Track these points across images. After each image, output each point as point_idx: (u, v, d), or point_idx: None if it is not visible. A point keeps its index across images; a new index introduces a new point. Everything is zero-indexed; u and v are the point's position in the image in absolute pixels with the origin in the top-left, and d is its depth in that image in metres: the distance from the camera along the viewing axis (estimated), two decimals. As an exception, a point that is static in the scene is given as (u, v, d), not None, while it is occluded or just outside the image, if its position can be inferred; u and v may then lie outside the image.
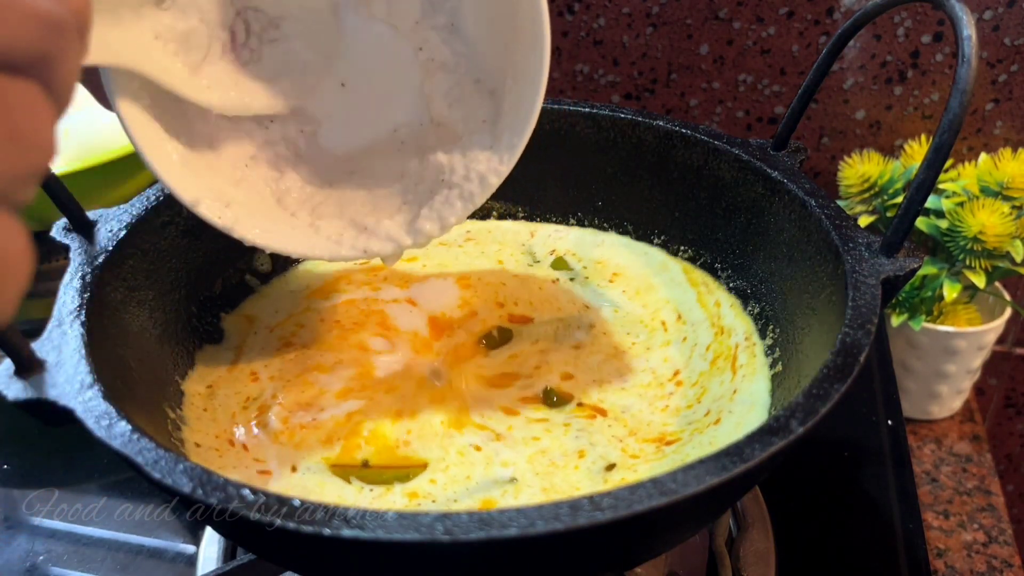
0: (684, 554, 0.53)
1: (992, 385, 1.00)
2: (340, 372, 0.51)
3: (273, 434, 0.47)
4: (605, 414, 0.49)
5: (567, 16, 0.87)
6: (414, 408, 0.49)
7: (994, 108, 0.83)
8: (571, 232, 0.63)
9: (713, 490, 0.32)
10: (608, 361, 0.52)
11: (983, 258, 0.71)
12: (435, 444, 0.46)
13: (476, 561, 0.34)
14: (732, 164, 0.55)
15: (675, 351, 0.52)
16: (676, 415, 0.48)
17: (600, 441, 0.46)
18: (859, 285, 0.42)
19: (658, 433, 0.47)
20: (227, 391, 0.50)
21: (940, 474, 0.77)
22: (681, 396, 0.49)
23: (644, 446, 0.46)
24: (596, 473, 0.44)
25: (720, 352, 0.52)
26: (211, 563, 0.54)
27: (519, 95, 0.45)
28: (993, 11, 0.78)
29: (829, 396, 0.36)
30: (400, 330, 0.55)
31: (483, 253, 0.62)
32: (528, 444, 0.46)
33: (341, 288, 0.58)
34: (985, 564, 0.69)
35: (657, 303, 0.56)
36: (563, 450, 0.46)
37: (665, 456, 0.45)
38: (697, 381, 0.50)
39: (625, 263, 0.60)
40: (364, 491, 0.44)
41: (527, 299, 0.57)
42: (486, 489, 0.44)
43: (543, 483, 0.44)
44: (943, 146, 0.40)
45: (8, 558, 0.57)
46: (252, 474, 0.45)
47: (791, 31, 0.83)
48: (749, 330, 0.53)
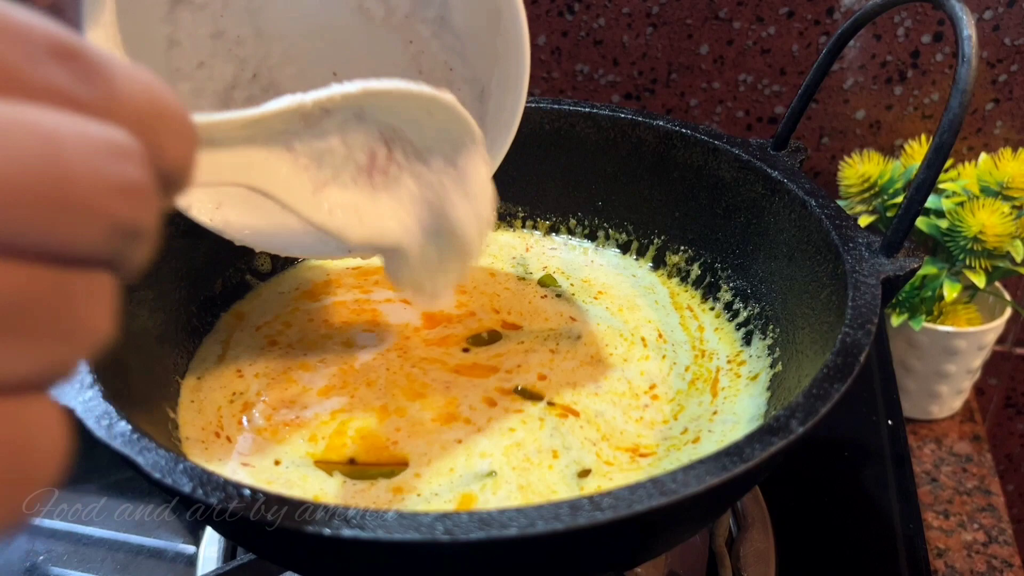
0: (684, 554, 0.53)
1: (992, 385, 1.00)
2: (323, 370, 0.52)
3: (257, 429, 0.48)
4: (577, 415, 0.49)
5: (567, 16, 0.87)
6: (399, 403, 0.49)
7: (994, 108, 0.83)
8: (563, 249, 0.64)
9: (713, 490, 0.32)
10: (583, 367, 0.53)
11: (983, 258, 0.71)
12: (422, 440, 0.47)
13: (476, 561, 0.34)
14: (732, 164, 0.55)
15: (653, 366, 0.53)
16: (651, 428, 0.48)
17: (574, 444, 0.47)
18: (859, 285, 0.42)
19: (632, 443, 0.47)
20: (213, 384, 0.51)
21: (940, 474, 0.77)
22: (657, 410, 0.50)
23: (618, 454, 0.47)
24: (571, 478, 0.45)
25: (699, 375, 0.52)
26: (211, 563, 0.54)
27: (502, 99, 0.45)
28: (993, 11, 0.78)
29: (829, 396, 0.36)
30: (390, 323, 0.56)
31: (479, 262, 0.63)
32: (504, 435, 0.47)
33: (331, 291, 0.59)
34: (985, 564, 0.69)
35: (639, 320, 0.57)
36: (538, 446, 0.47)
37: (641, 468, 0.46)
38: (674, 398, 0.51)
39: (612, 283, 0.61)
40: (347, 484, 0.44)
41: (519, 309, 0.58)
42: (467, 483, 0.44)
43: (520, 479, 0.44)
44: (943, 146, 0.40)
45: (8, 558, 0.57)
46: (236, 466, 0.45)
47: (791, 31, 0.83)
48: (734, 354, 0.53)
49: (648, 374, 0.53)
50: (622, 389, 0.51)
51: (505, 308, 0.58)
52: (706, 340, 0.55)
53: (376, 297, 0.59)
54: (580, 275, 0.62)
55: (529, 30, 0.43)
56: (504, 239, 0.65)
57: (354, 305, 0.58)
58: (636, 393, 0.51)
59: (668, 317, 0.57)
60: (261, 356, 0.53)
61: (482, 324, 0.56)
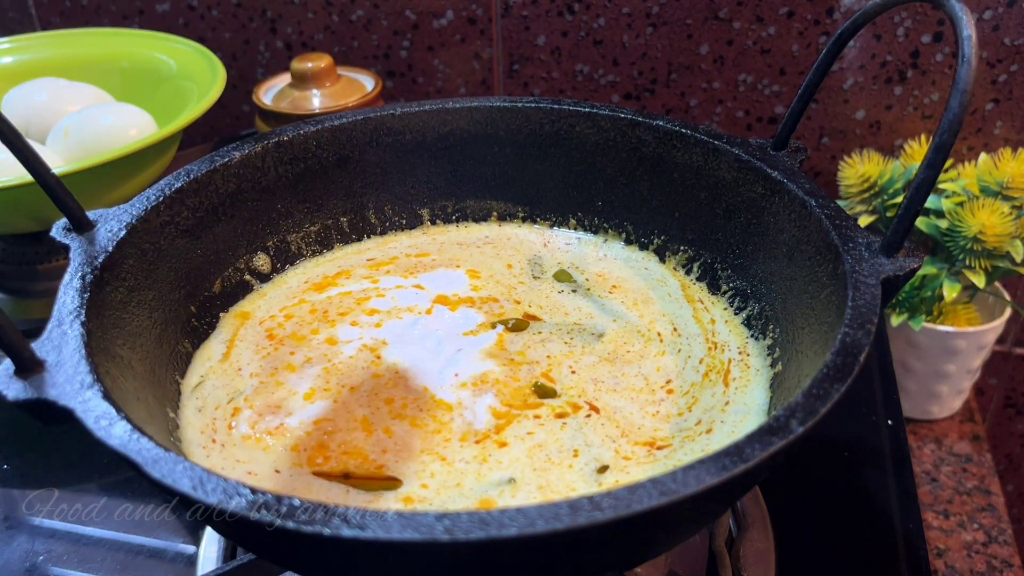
0: (684, 554, 0.53)
1: (992, 385, 1.00)
2: (307, 371, 0.52)
3: (242, 437, 0.47)
4: (599, 412, 0.49)
5: (567, 16, 0.87)
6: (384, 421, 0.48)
7: (994, 108, 0.83)
8: (578, 244, 0.64)
9: (713, 490, 0.32)
10: (603, 364, 0.53)
11: (983, 258, 0.71)
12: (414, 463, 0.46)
13: (476, 561, 0.34)
14: (732, 164, 0.55)
15: (669, 361, 0.53)
16: (667, 421, 0.49)
17: (595, 441, 0.47)
18: (859, 285, 0.42)
19: (649, 437, 0.48)
20: (216, 382, 0.51)
21: (940, 474, 0.77)
22: (672, 403, 0.50)
23: (636, 449, 0.47)
24: (590, 475, 0.45)
25: (713, 366, 0.53)
26: (211, 563, 0.54)
27: None
28: (993, 11, 0.78)
29: (829, 396, 0.36)
30: (400, 308, 0.57)
31: (497, 255, 0.63)
32: (524, 440, 0.47)
33: (339, 283, 0.59)
34: (985, 564, 0.69)
35: (654, 315, 0.57)
36: (559, 446, 0.46)
37: (657, 460, 0.46)
38: (688, 391, 0.51)
39: (625, 276, 0.61)
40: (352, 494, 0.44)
41: (539, 302, 0.59)
42: (484, 491, 0.44)
43: (539, 480, 0.44)
44: (943, 146, 0.40)
45: (8, 558, 0.57)
46: (241, 474, 0.45)
47: (791, 31, 0.83)
48: (744, 344, 0.54)
49: (664, 370, 0.53)
50: (639, 385, 0.51)
51: (526, 300, 0.59)
52: (718, 332, 0.55)
53: (385, 285, 0.59)
54: (594, 270, 0.62)
55: (529, 30, 0.43)
56: (523, 233, 0.65)
57: (359, 294, 0.58)
58: (652, 388, 0.51)
59: (681, 310, 0.57)
60: (258, 352, 0.53)
61: (504, 312, 0.57)
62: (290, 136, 0.58)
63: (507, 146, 0.63)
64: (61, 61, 0.91)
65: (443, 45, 0.93)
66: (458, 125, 0.62)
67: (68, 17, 1.03)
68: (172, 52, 0.89)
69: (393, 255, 0.63)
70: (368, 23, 0.94)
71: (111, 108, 0.80)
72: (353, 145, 0.61)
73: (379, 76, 0.89)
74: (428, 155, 0.63)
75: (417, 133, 0.62)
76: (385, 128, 0.61)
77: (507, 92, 0.94)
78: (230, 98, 1.04)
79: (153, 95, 0.87)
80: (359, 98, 0.83)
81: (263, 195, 0.58)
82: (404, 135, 0.62)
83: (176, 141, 0.78)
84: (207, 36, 1.00)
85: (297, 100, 0.84)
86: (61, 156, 0.76)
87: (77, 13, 1.03)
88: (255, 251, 0.58)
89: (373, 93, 0.84)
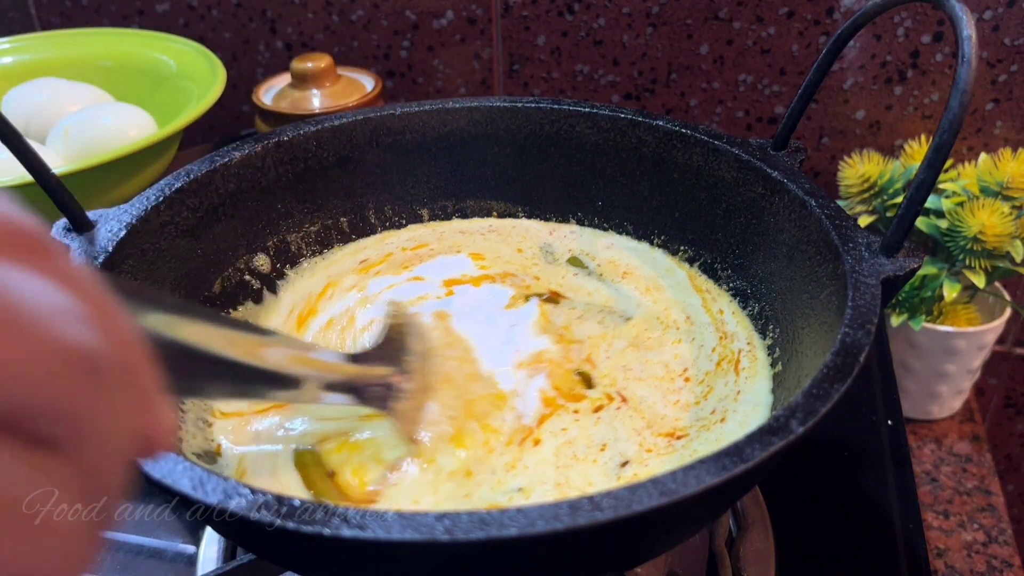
0: (684, 554, 0.53)
1: (992, 385, 1.00)
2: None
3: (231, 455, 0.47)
4: (627, 402, 0.49)
5: (567, 16, 0.87)
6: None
7: (994, 108, 0.83)
8: (584, 233, 0.64)
9: (713, 490, 0.32)
10: (631, 349, 0.53)
11: (983, 258, 0.71)
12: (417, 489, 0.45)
13: (476, 561, 0.34)
14: (732, 164, 0.55)
15: (685, 349, 0.53)
16: (686, 410, 0.49)
17: (623, 435, 0.47)
18: (859, 285, 0.42)
19: (670, 428, 0.48)
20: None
21: (940, 474, 0.77)
22: (689, 392, 0.50)
23: (658, 440, 0.47)
24: (612, 470, 0.45)
25: (724, 355, 0.53)
26: (211, 563, 0.54)
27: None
28: (993, 11, 0.78)
29: (829, 396, 0.36)
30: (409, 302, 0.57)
31: (504, 241, 0.63)
32: (557, 436, 0.47)
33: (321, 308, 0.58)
34: (985, 564, 0.69)
35: (667, 302, 0.58)
36: (588, 441, 0.46)
37: (675, 451, 0.46)
38: (704, 379, 0.51)
39: (634, 264, 0.61)
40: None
41: (558, 282, 0.59)
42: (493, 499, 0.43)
43: (558, 477, 0.44)
44: (943, 146, 0.40)
45: (8, 558, 0.57)
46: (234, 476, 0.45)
47: (791, 31, 0.83)
48: (751, 335, 0.54)
49: (681, 358, 0.53)
50: (661, 373, 0.52)
51: (544, 278, 0.59)
52: (726, 322, 0.55)
53: (372, 290, 0.58)
54: (604, 256, 0.62)
55: (529, 30, 0.43)
56: (527, 224, 0.65)
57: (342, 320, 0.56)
58: (672, 376, 0.51)
59: (691, 299, 0.58)
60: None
61: (529, 288, 0.57)
62: (290, 136, 0.58)
63: (507, 146, 0.63)
64: (61, 61, 0.91)
65: (443, 45, 0.93)
66: (458, 125, 0.62)
67: (68, 17, 1.03)
68: (172, 52, 0.89)
69: (388, 251, 0.62)
70: (368, 23, 0.94)
71: (111, 108, 0.80)
72: (353, 145, 0.61)
73: (379, 76, 0.89)
74: (428, 155, 0.63)
75: (417, 133, 0.62)
76: (385, 128, 0.61)
77: (507, 92, 0.94)
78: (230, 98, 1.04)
79: (153, 95, 0.87)
80: (359, 98, 0.83)
81: (263, 195, 0.58)
82: (404, 135, 0.62)
83: (176, 141, 0.78)
84: (207, 36, 1.00)
85: (297, 100, 0.84)
86: (61, 156, 0.76)
87: (77, 13, 1.03)
88: (255, 251, 0.58)
89: (373, 93, 0.84)
